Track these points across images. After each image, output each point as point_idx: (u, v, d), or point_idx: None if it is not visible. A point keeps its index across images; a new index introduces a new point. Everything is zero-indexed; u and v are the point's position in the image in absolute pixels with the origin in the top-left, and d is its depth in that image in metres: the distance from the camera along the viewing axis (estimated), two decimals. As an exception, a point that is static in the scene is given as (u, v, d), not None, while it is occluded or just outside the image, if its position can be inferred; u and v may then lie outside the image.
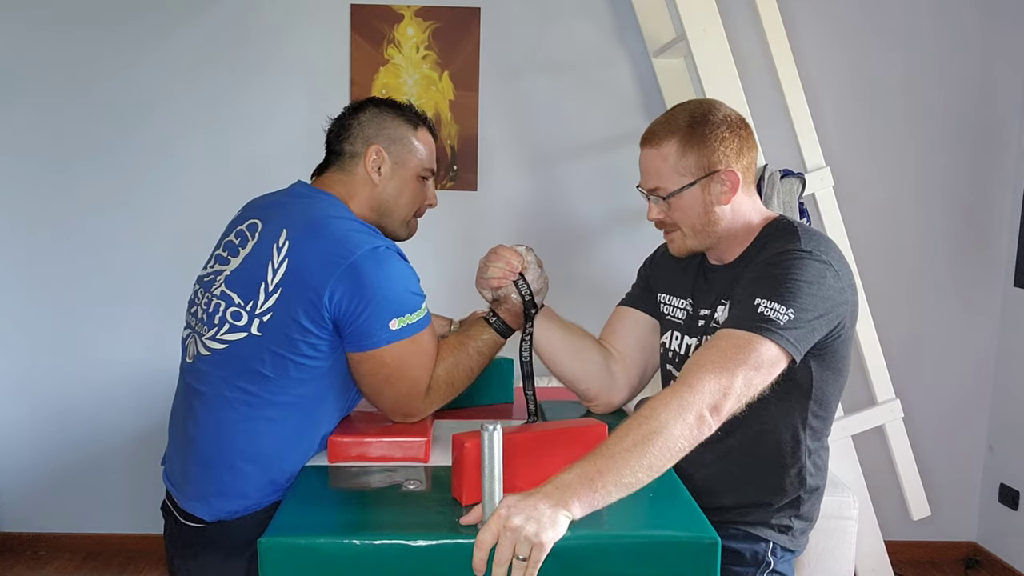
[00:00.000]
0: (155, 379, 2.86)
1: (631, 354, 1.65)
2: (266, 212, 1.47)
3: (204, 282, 1.48)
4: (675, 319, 1.59)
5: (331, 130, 1.57)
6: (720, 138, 1.40)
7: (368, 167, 1.51)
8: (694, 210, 1.43)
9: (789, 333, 1.26)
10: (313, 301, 1.32)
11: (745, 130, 1.44)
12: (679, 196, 1.42)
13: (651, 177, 1.45)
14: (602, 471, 1.11)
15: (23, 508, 2.97)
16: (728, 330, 1.28)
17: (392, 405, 1.44)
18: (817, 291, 1.30)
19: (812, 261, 1.33)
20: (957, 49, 2.85)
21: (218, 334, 1.38)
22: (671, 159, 1.41)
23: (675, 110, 1.46)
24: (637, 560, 1.11)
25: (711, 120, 1.41)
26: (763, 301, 1.27)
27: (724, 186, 1.41)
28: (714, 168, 1.40)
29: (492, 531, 1.06)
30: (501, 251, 1.55)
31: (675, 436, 1.15)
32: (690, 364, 1.24)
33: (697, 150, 1.40)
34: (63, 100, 2.79)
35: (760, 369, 1.24)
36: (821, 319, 1.31)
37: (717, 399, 1.19)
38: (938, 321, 2.97)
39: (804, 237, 1.38)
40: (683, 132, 1.41)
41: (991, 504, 3.00)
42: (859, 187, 2.86)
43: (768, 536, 1.46)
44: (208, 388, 1.38)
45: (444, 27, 2.80)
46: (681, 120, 1.42)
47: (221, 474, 1.35)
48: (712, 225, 1.44)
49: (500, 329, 1.53)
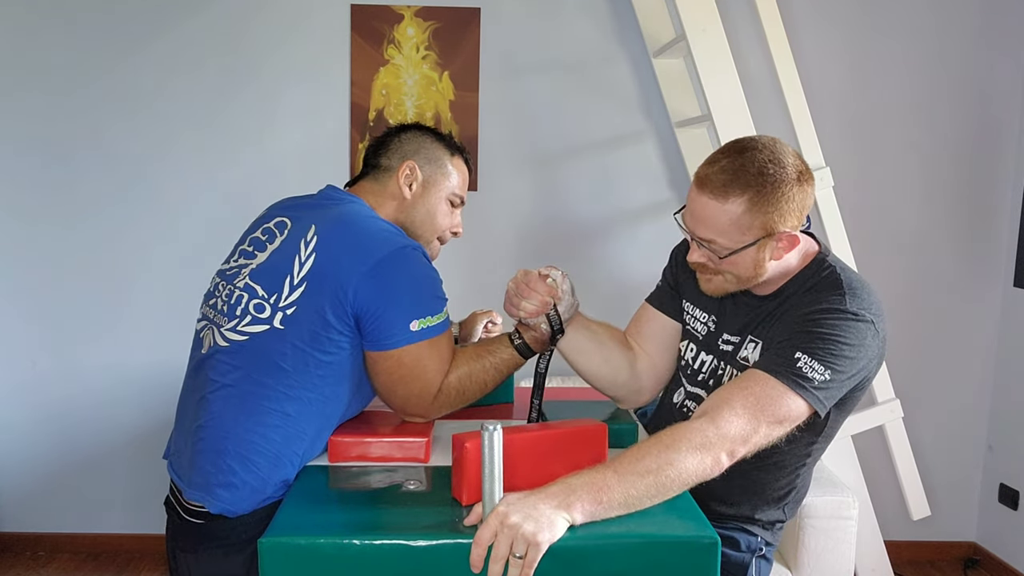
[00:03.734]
0: (156, 379, 2.86)
1: (657, 355, 1.64)
2: (296, 212, 1.49)
3: (226, 276, 1.48)
4: (694, 331, 1.59)
5: (371, 146, 1.61)
6: (788, 200, 1.31)
7: (400, 181, 1.54)
8: (744, 265, 1.37)
9: (821, 393, 1.29)
10: (338, 295, 1.34)
11: (809, 180, 1.35)
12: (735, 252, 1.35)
13: (707, 228, 1.35)
14: (611, 486, 1.13)
15: (23, 508, 2.96)
16: (763, 374, 1.29)
17: (403, 404, 1.45)
18: (857, 354, 1.32)
19: (858, 323, 1.32)
20: (957, 49, 2.85)
21: (239, 325, 1.39)
22: (734, 216, 1.32)
23: (745, 159, 1.32)
24: (637, 560, 1.11)
25: (784, 179, 1.31)
26: (803, 357, 1.28)
27: (781, 243, 1.35)
28: (777, 230, 1.33)
29: (491, 528, 1.07)
30: (536, 285, 1.46)
31: (688, 471, 1.18)
32: (720, 401, 1.26)
33: (763, 213, 1.31)
34: (63, 96, 2.79)
35: (784, 423, 1.27)
36: (853, 378, 1.34)
37: (737, 445, 1.23)
38: (938, 321, 2.97)
39: (849, 293, 1.35)
40: (754, 192, 1.30)
41: (991, 504, 3.00)
42: (859, 187, 2.86)
43: (756, 532, 1.56)
44: (225, 379, 1.38)
45: (444, 27, 2.80)
46: (752, 174, 1.30)
47: (231, 464, 1.35)
48: (758, 277, 1.39)
49: (522, 351, 1.52)
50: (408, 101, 2.82)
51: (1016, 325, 2.90)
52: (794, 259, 1.42)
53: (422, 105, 2.82)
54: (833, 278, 1.39)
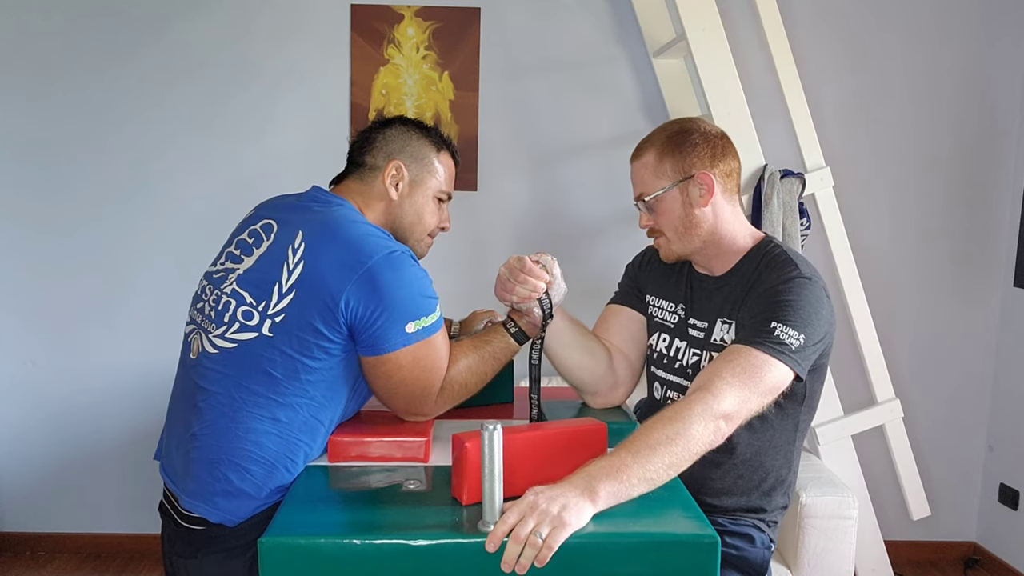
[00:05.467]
0: (156, 378, 2.86)
1: (627, 350, 1.71)
2: (281, 214, 1.47)
3: (213, 278, 1.47)
4: (664, 321, 1.66)
5: (355, 142, 1.58)
6: (693, 144, 1.53)
7: (386, 182, 1.52)
8: (675, 212, 1.54)
9: (799, 355, 1.38)
10: (329, 306, 1.33)
11: (722, 140, 1.56)
12: (660, 200, 1.54)
13: (636, 185, 1.59)
14: (628, 464, 1.18)
15: (23, 508, 2.97)
16: (744, 347, 1.38)
17: (405, 405, 1.45)
18: (820, 316, 1.43)
19: (813, 287, 1.45)
20: (957, 48, 2.85)
21: (227, 332, 1.38)
22: (650, 166, 1.55)
23: (657, 128, 1.60)
24: (637, 560, 1.11)
25: (686, 130, 1.55)
26: (779, 325, 1.39)
27: (701, 189, 1.52)
28: (689, 172, 1.52)
29: (519, 511, 1.09)
30: (528, 270, 1.50)
31: (696, 439, 1.24)
32: (710, 375, 1.34)
33: (672, 156, 1.53)
34: (61, 97, 2.79)
35: (773, 390, 1.36)
36: (822, 341, 1.44)
37: (735, 410, 1.30)
38: (938, 321, 2.97)
39: (799, 263, 1.49)
40: (661, 142, 1.55)
41: (991, 504, 3.00)
42: (859, 187, 2.86)
43: (764, 529, 1.60)
44: (215, 387, 1.38)
45: (444, 27, 2.80)
46: (660, 134, 1.57)
47: (227, 474, 1.34)
48: (694, 228, 1.54)
49: (519, 337, 1.54)
50: (408, 101, 2.82)
51: (1016, 325, 2.90)
52: (741, 232, 1.57)
53: (422, 105, 2.82)
54: (782, 254, 1.52)
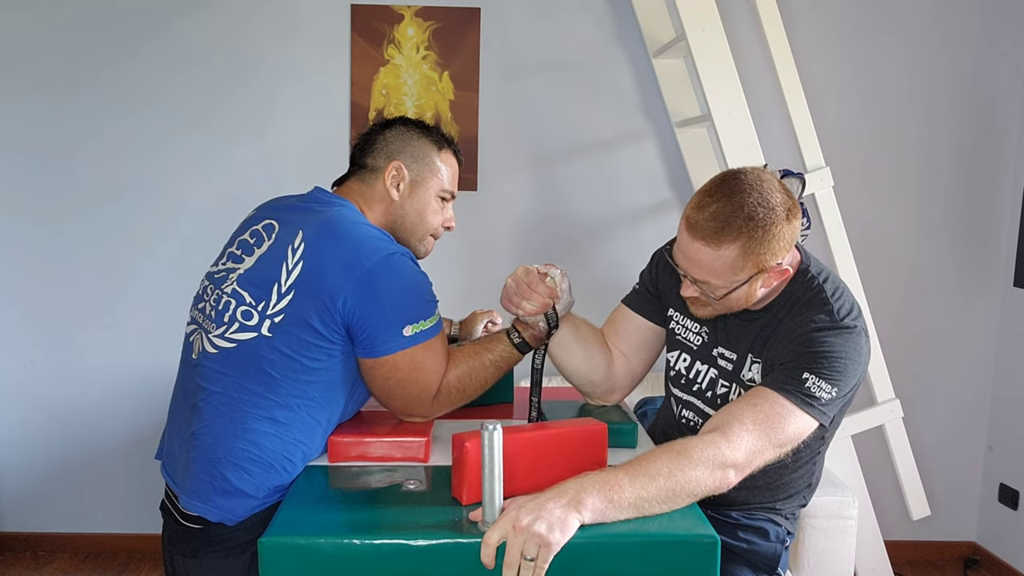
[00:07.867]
0: (156, 378, 2.86)
1: (632, 356, 1.68)
2: (283, 214, 1.48)
3: (215, 279, 1.47)
4: (687, 341, 1.60)
5: (357, 144, 1.58)
6: (779, 238, 1.34)
7: (387, 183, 1.52)
8: (737, 299, 1.41)
9: (828, 408, 1.35)
10: (327, 305, 1.33)
11: (796, 215, 1.37)
12: (728, 290, 1.39)
13: (701, 271, 1.37)
14: (622, 485, 1.15)
15: (23, 508, 2.96)
16: (772, 393, 1.33)
17: (402, 407, 1.45)
18: (856, 366, 1.38)
19: (851, 335, 1.38)
20: (957, 49, 2.85)
21: (227, 332, 1.38)
22: (729, 262, 1.34)
23: (734, 204, 1.32)
24: (637, 559, 1.11)
25: (774, 221, 1.33)
26: (811, 377, 1.34)
27: (771, 275, 1.39)
28: (768, 266, 1.36)
29: (500, 530, 1.07)
30: (536, 286, 1.47)
31: (699, 483, 1.20)
32: (730, 417, 1.30)
33: (756, 255, 1.34)
34: (61, 95, 2.79)
35: (792, 440, 1.32)
36: (853, 388, 1.40)
37: (747, 460, 1.26)
38: (938, 321, 2.97)
39: (835, 304, 1.41)
40: (746, 237, 1.32)
41: (991, 504, 3.00)
42: (859, 187, 2.86)
43: (780, 522, 1.59)
44: (214, 387, 1.38)
45: (444, 27, 2.80)
46: (742, 219, 1.32)
47: (225, 473, 1.35)
48: (748, 304, 1.43)
49: (521, 348, 1.52)
50: (408, 101, 2.82)
51: (1016, 325, 2.90)
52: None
53: (422, 105, 2.82)
54: (819, 291, 1.43)
